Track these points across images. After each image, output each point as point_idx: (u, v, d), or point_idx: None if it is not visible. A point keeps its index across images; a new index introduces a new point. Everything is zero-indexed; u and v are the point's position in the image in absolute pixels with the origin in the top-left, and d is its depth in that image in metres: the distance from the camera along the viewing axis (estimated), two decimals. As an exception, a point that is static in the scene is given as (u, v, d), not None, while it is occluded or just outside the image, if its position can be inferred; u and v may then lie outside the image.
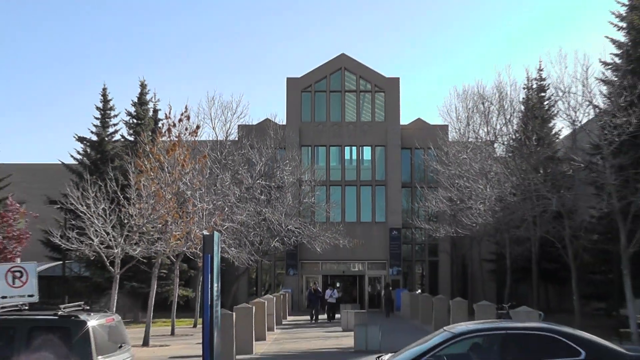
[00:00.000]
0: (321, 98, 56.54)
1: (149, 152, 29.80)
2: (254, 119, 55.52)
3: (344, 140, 55.94)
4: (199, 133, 33.05)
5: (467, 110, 50.47)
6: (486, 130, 46.03)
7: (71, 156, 49.10)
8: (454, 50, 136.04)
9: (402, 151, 55.54)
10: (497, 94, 44.33)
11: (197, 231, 28.54)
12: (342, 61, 56.70)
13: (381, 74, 56.56)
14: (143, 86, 48.28)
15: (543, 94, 45.59)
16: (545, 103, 44.92)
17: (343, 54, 56.93)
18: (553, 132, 45.25)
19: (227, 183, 35.64)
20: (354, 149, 56.43)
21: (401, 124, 56.18)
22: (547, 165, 33.96)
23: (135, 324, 39.39)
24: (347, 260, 54.28)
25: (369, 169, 56.30)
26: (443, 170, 44.19)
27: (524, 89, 45.11)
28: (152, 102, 48.75)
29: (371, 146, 56.19)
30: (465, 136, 48.82)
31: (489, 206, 37.92)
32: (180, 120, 30.57)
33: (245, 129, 50.19)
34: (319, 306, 42.77)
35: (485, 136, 45.60)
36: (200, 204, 30.09)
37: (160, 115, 47.58)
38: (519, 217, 34.43)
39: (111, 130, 48.23)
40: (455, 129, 52.12)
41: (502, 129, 43.32)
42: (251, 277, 54.71)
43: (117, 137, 48.22)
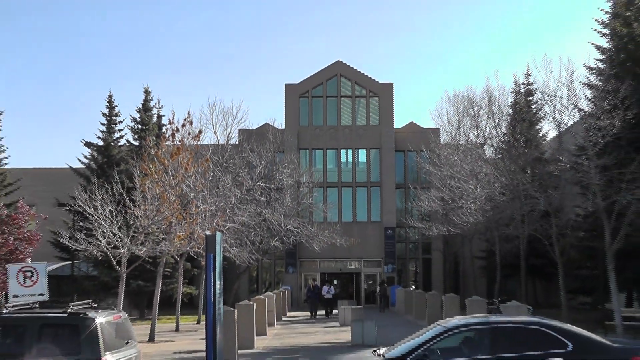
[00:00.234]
0: (318, 103, 56.55)
1: (153, 156, 29.78)
2: (253, 123, 55.41)
3: (340, 144, 55.96)
4: (201, 137, 33.00)
5: (457, 114, 50.54)
6: (476, 133, 46.13)
7: (79, 160, 49.07)
8: (445, 56, 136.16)
9: (396, 153, 55.60)
10: (487, 99, 44.43)
11: (200, 231, 28.50)
12: (338, 68, 56.72)
13: (375, 80, 56.57)
14: (147, 93, 48.30)
15: (530, 98, 45.61)
16: (532, 107, 44.96)
17: (339, 61, 56.95)
18: (540, 135, 45.30)
19: (228, 185, 35.61)
20: (350, 151, 56.45)
21: (395, 128, 56.26)
22: (534, 166, 33.97)
23: (141, 320, 39.39)
24: (344, 259, 54.29)
25: (364, 171, 56.30)
26: (435, 171, 44.22)
27: (512, 93, 45.26)
28: (156, 109, 48.77)
29: (366, 149, 56.21)
30: (456, 139, 48.87)
31: (479, 205, 37.96)
32: (184, 126, 30.54)
33: (245, 134, 50.24)
34: (317, 302, 42.75)
35: (475, 139, 45.69)
36: (203, 206, 30.07)
37: (164, 121, 47.57)
38: (508, 216, 34.42)
39: (117, 135, 48.17)
40: (446, 132, 52.22)
41: (492, 131, 43.46)
42: (252, 275, 54.73)
43: (123, 142, 48.17)
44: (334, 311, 41.34)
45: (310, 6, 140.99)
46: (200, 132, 32.79)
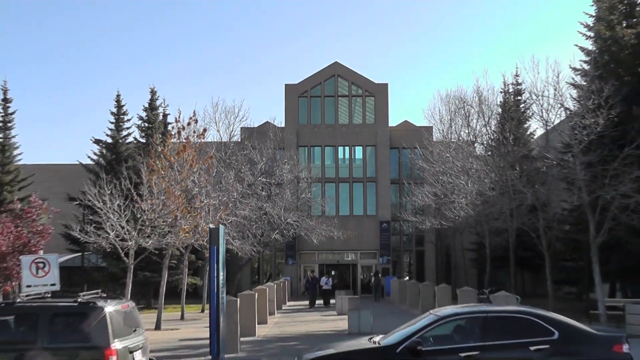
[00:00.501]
0: (316, 102, 56.52)
1: (159, 153, 29.78)
2: (255, 122, 55.63)
3: (337, 141, 55.92)
4: (205, 135, 33.01)
5: (449, 113, 50.62)
6: (467, 131, 46.14)
7: (88, 157, 49.05)
8: (438, 57, 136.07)
9: (390, 151, 55.61)
10: (477, 98, 44.42)
11: (204, 225, 28.50)
12: (335, 69, 56.68)
13: (371, 80, 56.55)
14: (153, 93, 48.21)
15: (519, 98, 45.58)
16: (520, 106, 44.92)
17: (336, 62, 56.90)
18: (528, 133, 45.31)
19: (231, 181, 35.60)
20: (347, 148, 56.40)
21: (390, 126, 56.22)
22: (522, 162, 33.99)
23: (148, 309, 39.39)
24: (341, 251, 54.29)
25: (360, 167, 56.28)
26: (428, 167, 44.21)
27: (501, 93, 45.27)
28: (162, 108, 48.76)
29: (362, 146, 56.17)
30: (448, 136, 48.93)
31: (470, 200, 37.97)
32: (189, 124, 30.53)
33: (247, 131, 50.28)
34: (315, 292, 42.75)
35: (466, 136, 45.70)
36: (207, 200, 30.10)
37: (170, 119, 47.55)
38: (498, 210, 34.45)
39: (125, 133, 48.12)
40: (439, 130, 52.31)
41: (482, 130, 43.46)
42: (254, 266, 54.73)
43: (130, 139, 48.09)
44: (332, 301, 41.33)
45: (309, 10, 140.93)
46: (205, 130, 32.82)
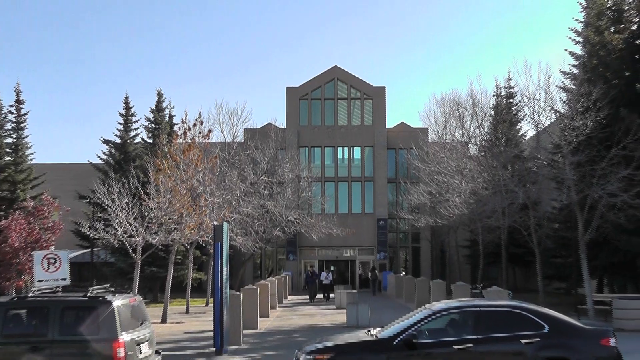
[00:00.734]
0: (317, 105, 56.50)
1: (166, 153, 29.81)
2: (257, 123, 55.46)
3: (337, 142, 55.92)
4: (210, 136, 33.00)
5: (444, 115, 50.56)
6: (461, 133, 46.09)
7: (98, 157, 49.03)
8: (434, 62, 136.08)
9: (387, 151, 55.60)
10: (471, 101, 44.37)
11: (208, 222, 28.52)
12: (335, 72, 56.66)
13: (369, 84, 56.52)
14: (160, 95, 48.15)
15: (511, 100, 45.58)
16: (512, 108, 44.89)
17: (336, 66, 56.87)
18: (520, 134, 45.23)
19: (234, 180, 35.60)
20: (346, 149, 56.40)
21: (387, 127, 56.21)
22: (514, 162, 33.92)
23: (155, 303, 39.38)
24: (340, 247, 54.31)
25: (359, 166, 56.28)
26: (423, 167, 44.23)
27: (493, 96, 45.31)
28: (168, 109, 48.63)
29: (361, 147, 56.18)
30: (443, 137, 48.88)
31: (464, 199, 38.00)
32: (194, 125, 30.56)
33: (249, 132, 50.28)
34: (315, 287, 42.76)
35: (460, 138, 45.66)
36: (211, 198, 30.10)
37: (176, 121, 47.54)
38: (490, 209, 34.38)
39: (133, 133, 48.09)
40: (434, 132, 52.25)
41: (475, 131, 43.43)
42: (256, 262, 54.69)
43: (138, 139, 48.06)
44: (331, 295, 41.36)
45: (310, 16, 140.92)
46: (210, 131, 32.81)
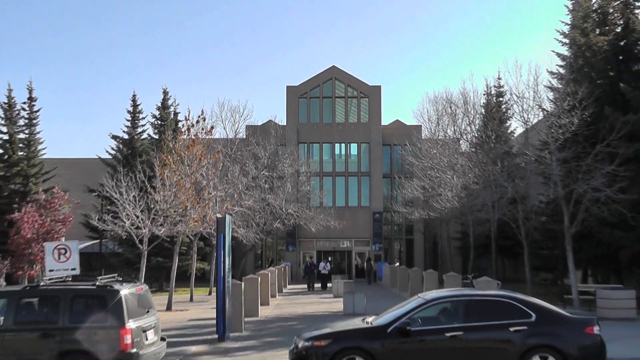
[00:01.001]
0: (315, 103, 56.45)
1: (171, 149, 29.78)
2: (258, 120, 55.49)
3: (334, 138, 55.89)
4: (213, 132, 32.97)
5: (437, 113, 50.48)
6: (453, 130, 45.98)
7: (106, 152, 49.06)
8: (427, 62, 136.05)
9: (383, 147, 55.65)
10: (462, 99, 44.30)
11: (211, 214, 28.50)
12: (332, 72, 56.60)
13: (365, 83, 56.47)
14: (165, 93, 48.17)
15: (501, 99, 45.60)
16: (502, 106, 44.90)
17: (334, 66, 56.82)
18: (509, 131, 45.25)
19: (236, 174, 35.57)
20: (343, 145, 56.36)
21: (382, 125, 56.19)
22: (503, 158, 33.91)
23: (160, 292, 39.42)
24: (337, 239, 54.33)
25: (355, 162, 56.26)
26: (417, 163, 44.25)
27: (484, 94, 45.20)
28: (173, 107, 48.65)
29: (357, 143, 56.15)
30: (436, 134, 48.83)
31: (455, 193, 38.01)
32: (198, 122, 30.53)
33: (251, 129, 50.18)
34: (314, 277, 42.79)
35: (452, 134, 45.59)
36: (214, 192, 30.09)
37: (180, 117, 47.41)
38: (481, 202, 34.39)
39: (139, 130, 48.08)
40: (427, 129, 52.21)
41: (467, 128, 43.26)
42: (257, 252, 54.73)
43: (145, 135, 48.07)
44: (329, 284, 41.38)
45: (309, 18, 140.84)
46: (213, 127, 32.73)
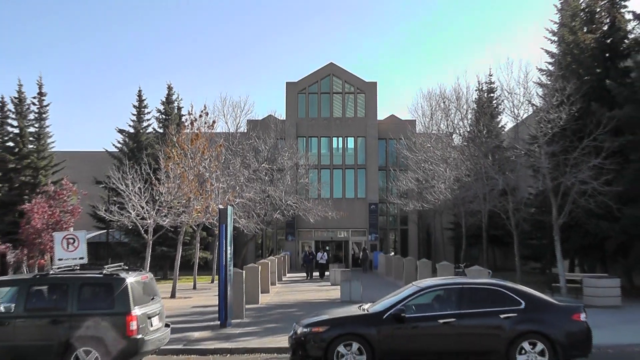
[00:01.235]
0: (314, 98, 56.38)
1: (175, 142, 29.74)
2: (259, 115, 55.16)
3: (332, 132, 55.85)
4: (214, 127, 32.93)
5: (430, 108, 50.46)
6: (446, 124, 45.93)
7: (113, 145, 49.02)
8: (422, 59, 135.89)
9: (378, 141, 55.62)
10: (455, 95, 44.32)
11: (214, 205, 28.51)
12: (330, 69, 56.52)
13: (362, 79, 56.40)
14: (170, 89, 48.14)
15: (492, 95, 45.60)
16: (493, 102, 44.89)
17: (331, 63, 56.72)
18: (500, 126, 45.32)
19: (237, 167, 35.57)
20: (340, 139, 56.33)
21: (378, 119, 56.16)
22: (494, 152, 33.92)
23: (165, 280, 39.47)
24: (334, 229, 54.34)
25: (352, 155, 56.24)
26: (411, 156, 44.22)
27: (476, 90, 45.21)
28: (177, 102, 48.57)
29: (354, 137, 56.11)
30: (430, 129, 48.81)
31: (448, 185, 38.06)
32: (200, 116, 30.48)
33: (252, 123, 50.18)
34: (312, 265, 42.81)
35: (445, 129, 45.57)
36: (217, 184, 30.07)
37: (184, 112, 47.47)
38: (472, 194, 34.43)
39: (145, 124, 48.09)
40: (421, 123, 52.22)
41: (459, 123, 43.26)
42: (257, 242, 54.76)
43: (150, 129, 48.06)
44: (326, 273, 41.40)
45: (308, 17, 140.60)
46: (214, 122, 32.72)
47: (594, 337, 12.29)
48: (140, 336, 11.89)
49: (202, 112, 30.66)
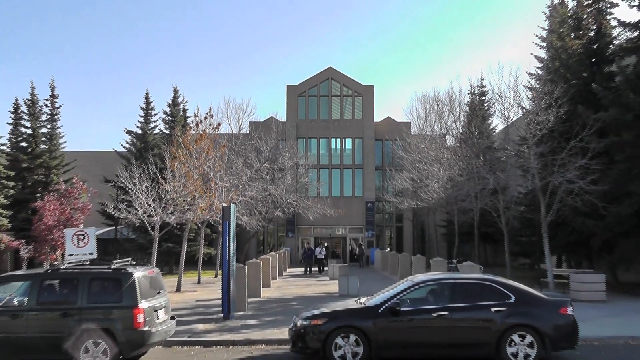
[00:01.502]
0: (313, 101, 56.38)
1: (181, 143, 29.72)
2: (260, 116, 55.24)
3: (330, 134, 55.86)
4: (219, 128, 32.89)
5: (425, 111, 50.60)
6: (440, 126, 46.10)
7: (121, 145, 49.00)
8: (417, 63, 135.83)
9: (375, 142, 55.64)
10: (448, 98, 44.32)
11: (217, 203, 28.47)
12: (329, 73, 56.52)
13: (359, 83, 56.41)
14: (175, 91, 48.07)
15: (483, 98, 45.59)
16: (485, 105, 44.88)
17: (330, 67, 56.73)
18: (491, 127, 45.26)
19: (240, 166, 35.53)
20: (338, 140, 56.33)
21: (375, 121, 56.19)
22: (486, 153, 33.87)
23: (170, 275, 39.40)
24: (333, 226, 54.33)
25: (349, 155, 56.26)
26: (406, 156, 44.22)
27: (468, 94, 45.20)
28: (182, 104, 48.49)
29: (351, 138, 56.13)
30: (424, 130, 48.94)
31: (441, 184, 38.02)
32: (205, 118, 30.45)
33: (254, 125, 50.22)
34: (311, 261, 42.80)
35: (439, 130, 45.65)
36: (220, 183, 30.05)
37: (189, 114, 47.51)
38: (465, 193, 34.38)
39: (152, 125, 47.99)
40: (416, 125, 52.36)
41: (452, 125, 43.28)
42: (259, 238, 54.78)
43: (156, 130, 47.99)
44: (325, 268, 41.42)
45: (308, 23, 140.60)
46: (219, 124, 32.74)
47: (580, 330, 12.32)
48: (147, 328, 11.90)
49: (207, 114, 30.65)
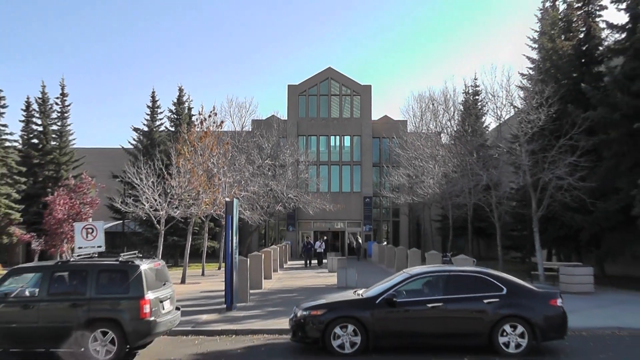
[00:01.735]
0: (313, 100, 56.31)
1: (186, 140, 29.70)
2: (262, 115, 55.15)
3: (330, 131, 55.81)
4: (222, 126, 32.87)
5: (421, 109, 50.53)
6: (435, 124, 46.13)
7: (128, 142, 49.12)
8: (413, 64, 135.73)
9: (373, 139, 55.61)
10: (443, 97, 44.40)
11: (221, 198, 28.46)
12: (328, 73, 56.44)
13: (358, 82, 56.32)
14: (180, 90, 48.09)
15: (477, 97, 45.60)
16: (478, 104, 44.90)
17: (329, 68, 56.64)
18: (484, 126, 45.29)
19: (243, 163, 35.51)
20: (338, 137, 56.26)
21: (372, 120, 56.11)
22: (479, 150, 33.92)
23: (175, 267, 39.41)
24: (332, 220, 54.34)
25: (348, 152, 56.21)
26: (403, 153, 44.24)
27: (462, 93, 45.26)
28: (187, 102, 48.55)
29: (350, 136, 56.07)
30: (420, 128, 48.91)
31: (436, 180, 38.03)
32: (210, 116, 30.43)
33: (256, 123, 50.18)
34: (311, 254, 42.80)
35: (434, 128, 45.67)
36: (224, 178, 30.03)
37: (194, 112, 47.55)
38: (459, 189, 34.40)
39: (158, 123, 48.07)
40: (412, 123, 52.30)
41: (447, 123, 43.50)
42: (261, 232, 54.76)
43: (162, 128, 48.03)
44: (324, 261, 41.43)
45: (308, 25, 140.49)
46: (223, 122, 32.67)
47: (569, 321, 12.34)
48: (152, 318, 11.90)
49: (211, 112, 30.65)
